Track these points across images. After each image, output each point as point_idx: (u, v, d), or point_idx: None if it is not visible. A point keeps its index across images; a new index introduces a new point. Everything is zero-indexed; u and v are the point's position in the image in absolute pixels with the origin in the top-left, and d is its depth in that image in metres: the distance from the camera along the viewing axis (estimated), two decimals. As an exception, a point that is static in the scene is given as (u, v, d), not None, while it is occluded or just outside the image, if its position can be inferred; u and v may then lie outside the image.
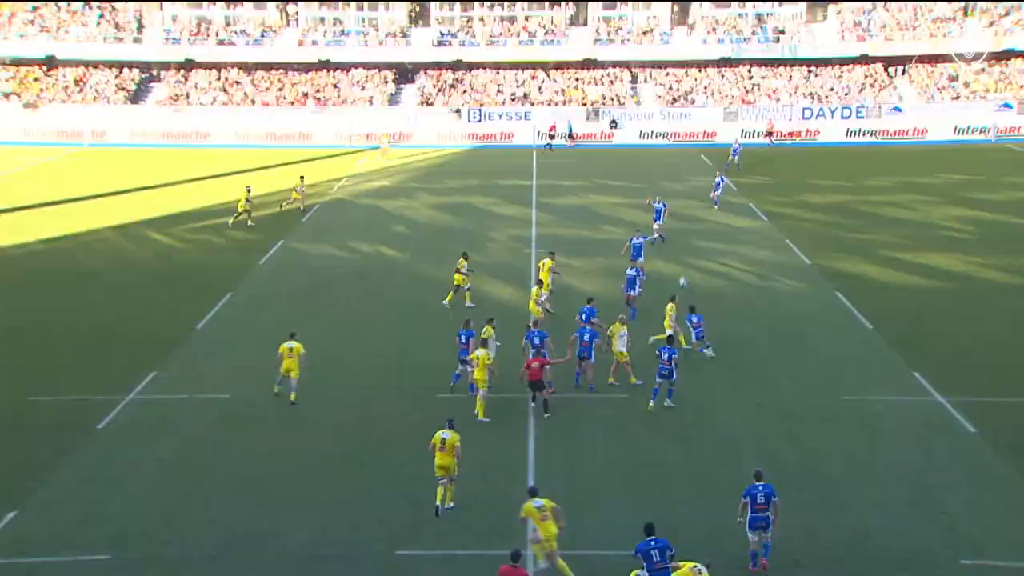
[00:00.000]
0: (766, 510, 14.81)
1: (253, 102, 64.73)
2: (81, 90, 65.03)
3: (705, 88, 65.15)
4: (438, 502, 16.31)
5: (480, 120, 62.55)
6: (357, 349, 24.47)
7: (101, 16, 67.82)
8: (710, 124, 61.15)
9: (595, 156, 56.04)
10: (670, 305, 23.41)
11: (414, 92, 66.40)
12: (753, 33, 67.50)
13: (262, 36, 67.42)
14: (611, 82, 66.37)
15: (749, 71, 66.44)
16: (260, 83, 66.47)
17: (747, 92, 64.51)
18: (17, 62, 66.62)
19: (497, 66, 67.96)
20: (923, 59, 66.58)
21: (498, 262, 32.44)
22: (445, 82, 66.68)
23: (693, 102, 63.84)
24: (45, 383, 21.89)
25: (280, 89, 65.94)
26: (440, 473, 16.44)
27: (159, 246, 35.12)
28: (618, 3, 69.01)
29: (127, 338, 25.06)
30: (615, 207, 40.54)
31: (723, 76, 66.31)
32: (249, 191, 38.45)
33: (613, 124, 61.66)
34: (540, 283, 25.67)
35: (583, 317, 22.62)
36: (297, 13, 69.31)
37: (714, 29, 67.93)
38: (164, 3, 68.57)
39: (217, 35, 67.33)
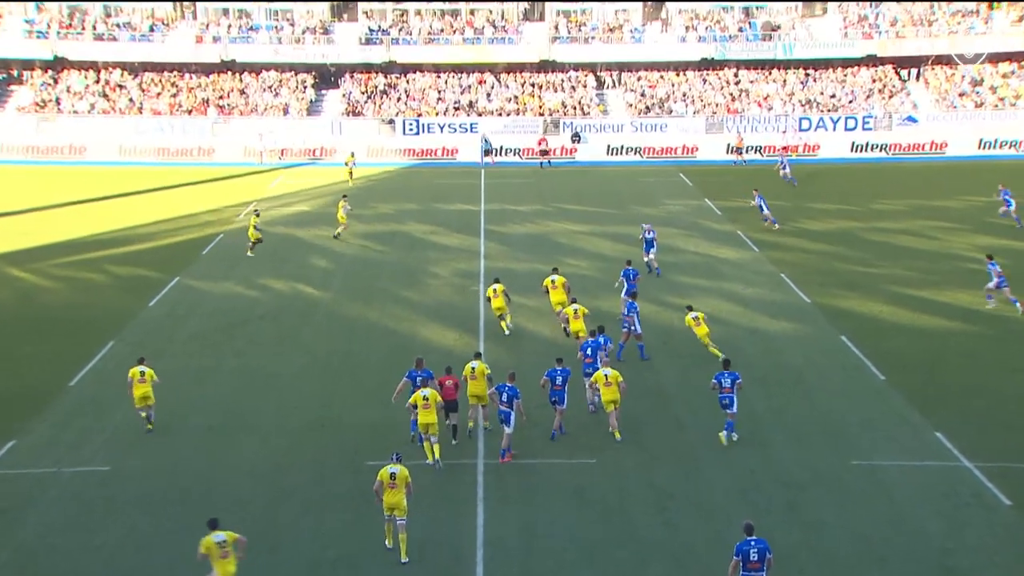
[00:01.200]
0: (760, 569, 15.41)
1: (141, 110, 64.39)
2: (-75, 94, 64.21)
3: (684, 95, 66.47)
4: (389, 544, 17.97)
5: (417, 133, 62.99)
6: (270, 407, 24.30)
7: (-49, 5, 67.20)
8: (690, 137, 62.32)
9: (554, 176, 56.66)
10: (692, 317, 26.74)
11: (338, 99, 66.69)
12: (740, 30, 69.23)
13: (151, 31, 67.29)
14: (573, 88, 67.40)
15: (736, 74, 67.99)
16: (149, 87, 66.20)
17: (734, 99, 65.95)
18: None
19: (437, 68, 68.67)
20: (940, 60, 68.75)
21: (440, 301, 32.52)
22: (375, 87, 67.11)
23: (670, 111, 65.05)
24: None
25: (174, 95, 65.73)
26: (388, 511, 17.92)
27: (21, 285, 34.58)
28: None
29: (-19, 398, 24.57)
30: (577, 236, 40.97)
31: (705, 80, 67.75)
32: (258, 215, 39.25)
33: (575, 138, 62.49)
34: (574, 300, 28.06)
35: (587, 352, 23.93)
36: (194, 5, 69.35)
37: (694, 26, 69.51)
38: (30, -5, 68.31)
39: (95, 28, 67.05)
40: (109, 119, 63.20)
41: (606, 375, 22.21)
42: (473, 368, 22.24)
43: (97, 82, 66.30)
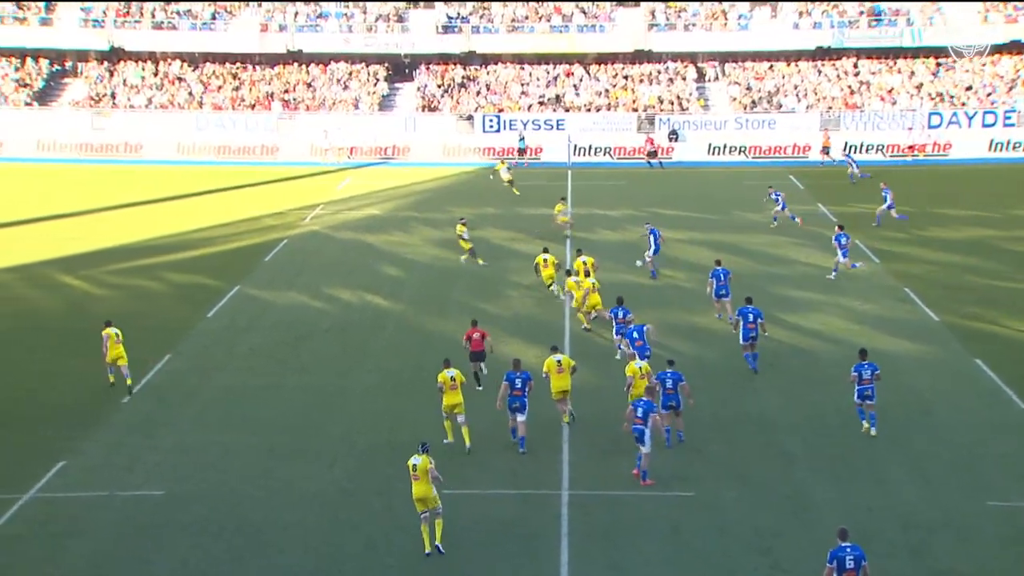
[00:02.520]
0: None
1: (200, 104, 65.90)
2: (-25, 88, 66.58)
3: (795, 88, 65.74)
4: (427, 543, 19.05)
5: (498, 130, 63.35)
6: (336, 427, 24.62)
7: (3, -7, 69.59)
8: (802, 135, 61.58)
9: (647, 178, 56.48)
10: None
11: (412, 93, 67.43)
12: (861, 15, 68.21)
13: (213, 19, 68.86)
14: (670, 80, 67.15)
15: (855, 65, 67.04)
16: (210, 80, 67.72)
17: (852, 92, 65.03)
18: None
19: (520, 59, 69.02)
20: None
21: (520, 314, 32.66)
22: (453, 80, 67.70)
23: (779, 106, 64.38)
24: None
25: (236, 88, 67.14)
26: (420, 507, 19.14)
27: (72, 293, 35.59)
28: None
29: (28, 417, 25.31)
30: (672, 244, 40.78)
31: (820, 72, 66.91)
32: (464, 223, 38.92)
33: (673, 136, 62.22)
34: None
35: (667, 383, 24.04)
36: (259, -11, 70.83)
37: (808, 11, 68.73)
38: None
39: (153, 16, 68.84)
40: (167, 114, 64.84)
41: (558, 360, 23.80)
42: (558, 361, 23.45)
43: (155, 74, 68.08)
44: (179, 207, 49.16)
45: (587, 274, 31.72)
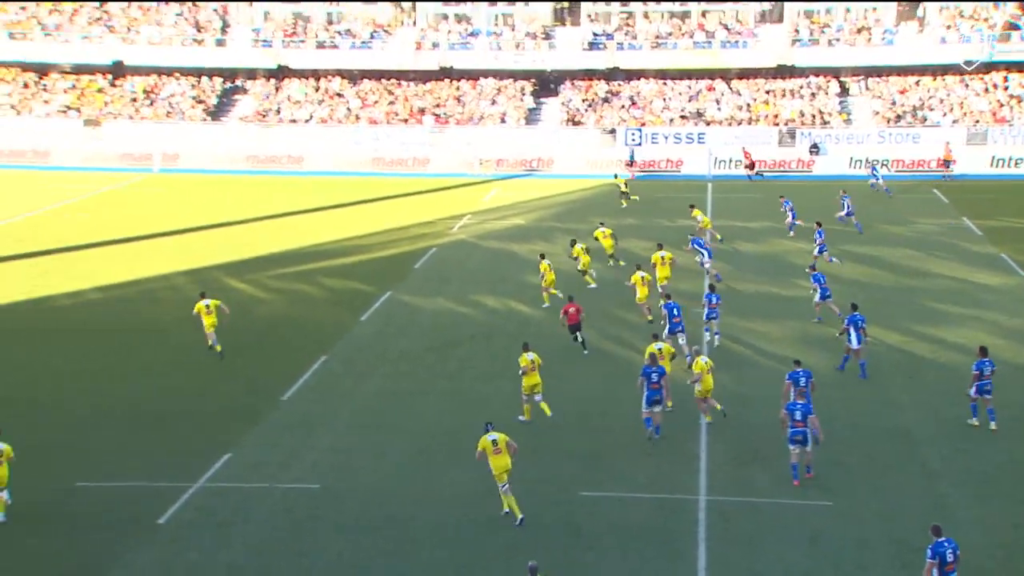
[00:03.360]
0: (954, 570, 16.95)
1: (357, 118, 67.43)
2: (152, 103, 69.43)
3: (941, 102, 63.56)
4: (517, 513, 20.29)
5: (640, 143, 63.03)
6: (480, 432, 24.81)
7: (179, 14, 72.43)
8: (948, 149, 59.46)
9: (788, 190, 55.35)
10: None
11: (557, 107, 67.66)
12: (1014, 27, 65.45)
13: (371, 38, 70.37)
14: (812, 94, 65.73)
15: (1005, 79, 64.44)
16: (367, 95, 69.24)
17: (1002, 106, 62.50)
18: (79, 69, 71.87)
19: (663, 75, 68.55)
20: None
21: (662, 323, 32.40)
22: (596, 95, 67.67)
23: (924, 120, 62.34)
24: (95, 465, 23.16)
25: (391, 103, 68.46)
26: (503, 479, 20.39)
27: (239, 297, 36.77)
28: (825, -8, 68.46)
29: (197, 411, 26.29)
30: (812, 257, 39.89)
31: (967, 86, 64.56)
32: (600, 226, 39.81)
33: (814, 149, 60.90)
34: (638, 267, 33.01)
35: (800, 382, 23.53)
36: (415, 9, 72.04)
37: (955, 25, 66.37)
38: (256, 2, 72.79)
39: (316, 36, 70.75)
40: (326, 128, 66.52)
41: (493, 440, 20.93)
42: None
43: (317, 90, 69.92)
44: (336, 216, 50.33)
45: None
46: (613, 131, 63.89)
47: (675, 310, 29.07)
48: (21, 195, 55.28)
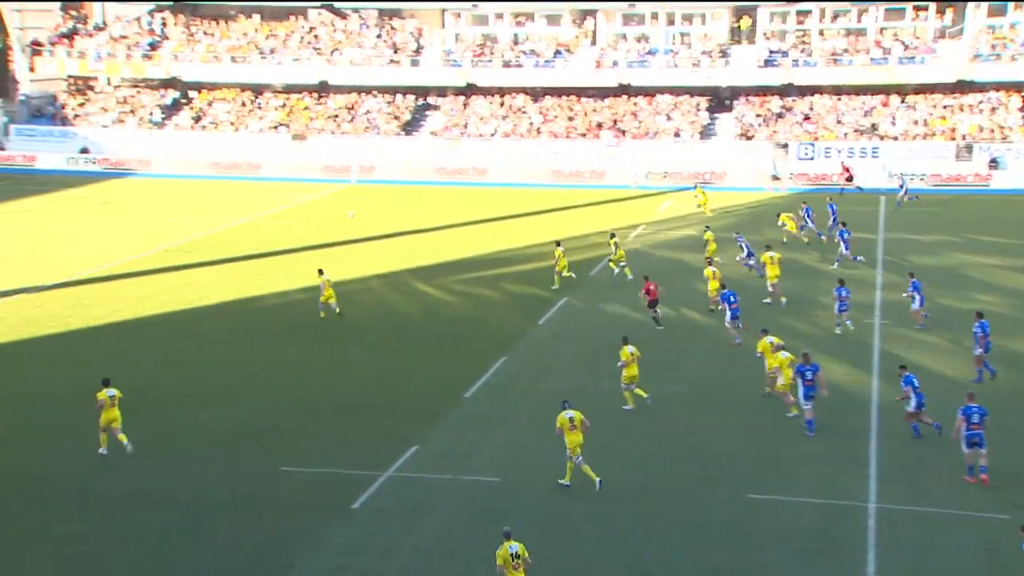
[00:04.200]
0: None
1: (539, 132, 68.11)
2: (352, 119, 71.91)
3: None
4: (566, 481, 21.66)
5: (812, 157, 61.50)
6: (647, 434, 24.84)
7: (379, 36, 74.77)
8: None
9: (965, 205, 53.04)
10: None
11: (731, 122, 66.69)
12: None
13: (554, 56, 70.98)
14: (992, 109, 62.71)
15: None
16: (548, 111, 69.87)
17: None
18: (289, 89, 75.12)
19: (838, 91, 66.67)
20: None
21: (830, 332, 31.69)
22: (770, 111, 66.37)
23: (1109, 134, 58.67)
24: (298, 452, 24.15)
25: (571, 118, 68.89)
26: (577, 452, 21.48)
27: (427, 300, 37.76)
28: (1011, 3, 65.01)
29: (388, 405, 27.13)
30: (990, 269, 38.22)
31: None
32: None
33: (993, 164, 58.13)
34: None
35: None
36: (595, 30, 72.26)
37: None
38: (447, 19, 74.38)
39: (503, 56, 71.84)
40: (509, 142, 67.48)
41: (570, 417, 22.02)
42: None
43: (501, 106, 71.00)
44: (517, 225, 51.00)
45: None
46: (785, 145, 62.55)
47: (732, 297, 30.90)
48: (236, 203, 58.13)
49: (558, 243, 39.06)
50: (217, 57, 74.72)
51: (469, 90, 72.32)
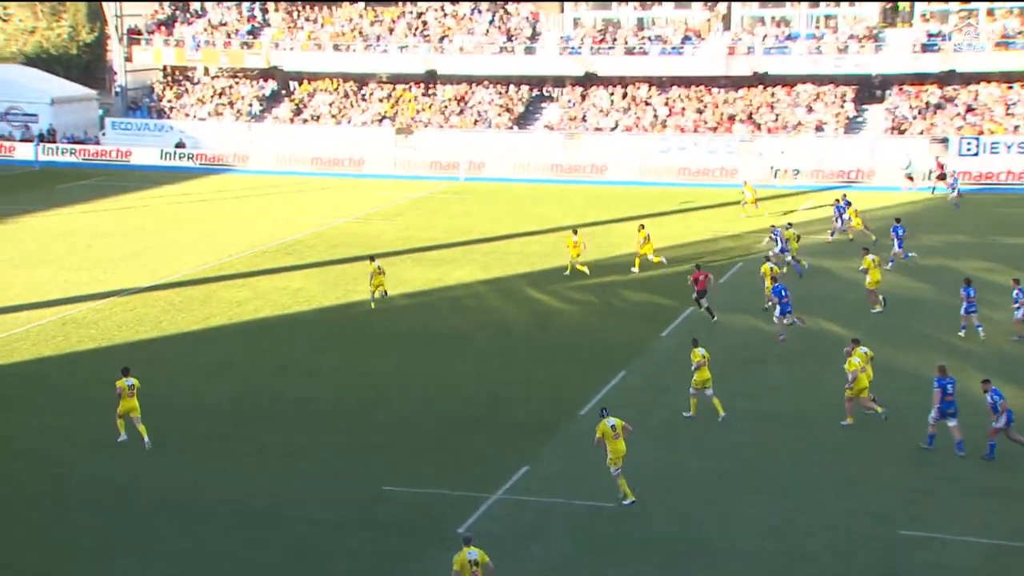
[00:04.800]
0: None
1: (664, 126, 67.68)
2: (461, 111, 72.57)
3: None
4: (629, 495, 21.92)
5: (977, 153, 59.73)
6: (784, 457, 24.43)
7: (491, 21, 75.30)
8: None
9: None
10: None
11: (881, 115, 65.20)
12: None
13: (682, 43, 70.45)
14: None
15: None
16: (675, 103, 69.37)
17: None
18: (394, 79, 76.22)
19: (1008, 78, 64.52)
20: None
21: (995, 351, 30.91)
22: (927, 102, 64.66)
23: None
24: (399, 470, 24.37)
25: (700, 111, 68.27)
26: (619, 463, 21.93)
27: (539, 307, 37.77)
28: None
29: (496, 421, 27.21)
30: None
31: None
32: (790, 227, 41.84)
33: None
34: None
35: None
36: (728, 13, 71.44)
37: None
38: (566, 3, 74.51)
39: (626, 43, 71.60)
40: (631, 137, 67.20)
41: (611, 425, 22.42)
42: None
43: (624, 98, 70.74)
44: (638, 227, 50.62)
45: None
46: (945, 140, 60.85)
47: (783, 291, 32.40)
48: (336, 202, 59.19)
49: (575, 230, 41.59)
50: (319, 45, 76.29)
51: (588, 80, 72.26)
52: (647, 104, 69.90)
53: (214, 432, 26.68)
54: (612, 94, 71.14)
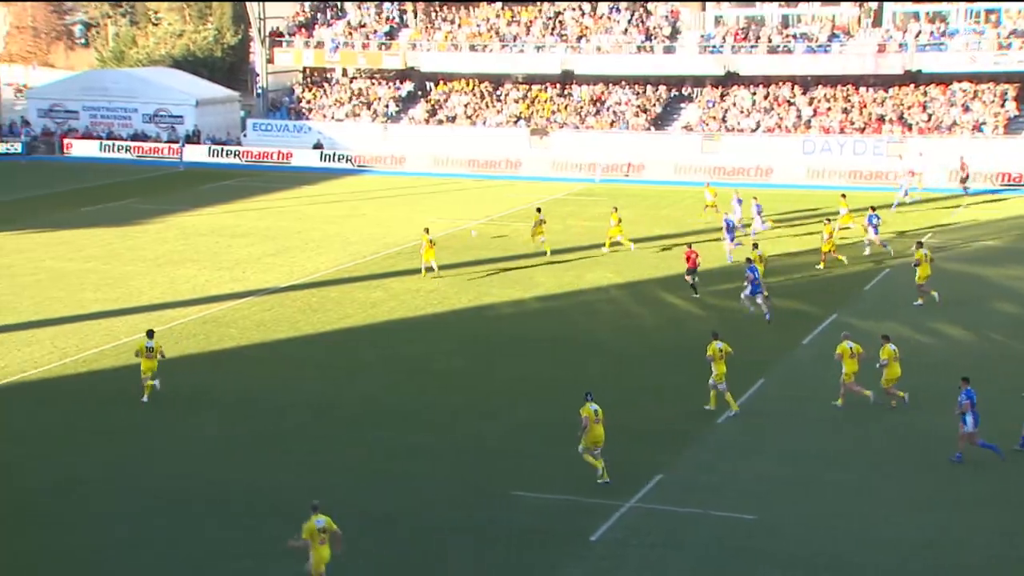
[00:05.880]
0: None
1: (807, 127, 66.51)
2: (596, 112, 72.54)
3: None
4: (605, 474, 23.12)
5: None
6: (933, 473, 23.74)
7: (630, 20, 75.06)
8: None
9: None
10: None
11: (1043, 115, 62.94)
12: None
13: (830, 40, 69.10)
14: None
15: None
16: (819, 103, 68.10)
17: None
18: (530, 79, 76.62)
19: None
20: None
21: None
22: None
23: None
24: (530, 475, 24.48)
25: (846, 111, 66.87)
26: (596, 446, 23.18)
27: (673, 312, 37.51)
28: None
29: (628, 427, 27.00)
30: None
31: None
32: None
33: None
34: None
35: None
36: (879, 9, 69.75)
37: None
38: (708, 1, 73.84)
39: (769, 41, 70.57)
40: (773, 138, 66.29)
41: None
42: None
43: (766, 98, 69.74)
44: (778, 231, 49.87)
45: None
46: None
47: (754, 272, 34.36)
48: (470, 203, 59.76)
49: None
50: (456, 46, 77.20)
51: (729, 80, 71.46)
52: (790, 104, 68.78)
53: (344, 432, 27.23)
54: (754, 94, 70.20)
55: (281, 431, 27.21)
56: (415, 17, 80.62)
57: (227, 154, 75.83)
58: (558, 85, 75.34)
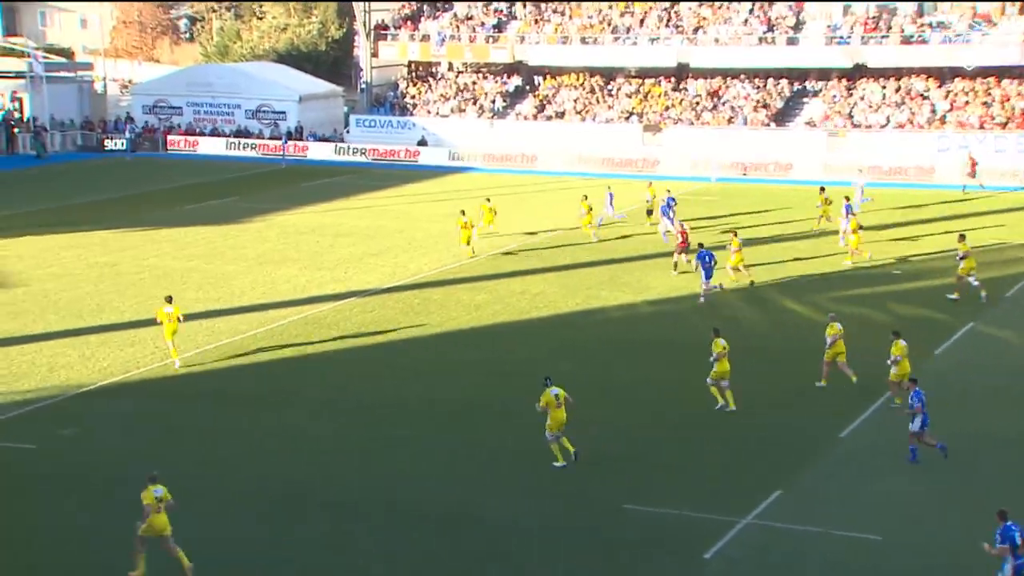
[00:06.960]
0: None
1: (943, 122, 65.04)
2: (713, 107, 71.85)
3: None
4: (561, 457, 24.54)
5: None
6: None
7: (751, 11, 74.19)
8: None
9: None
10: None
11: None
12: None
13: (970, 30, 67.42)
14: None
15: None
16: (956, 96, 66.51)
17: None
18: (643, 73, 76.26)
19: None
20: None
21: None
22: None
23: None
24: (642, 487, 24.33)
25: (987, 104, 65.28)
26: (559, 429, 24.41)
27: (794, 319, 36.89)
28: None
29: (748, 439, 26.79)
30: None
31: None
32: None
33: None
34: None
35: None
36: (1021, -2, 67.97)
37: None
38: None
39: (902, 31, 69.11)
40: (904, 134, 64.92)
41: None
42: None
43: (896, 92, 68.33)
44: (910, 231, 48.84)
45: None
46: None
47: (707, 258, 36.92)
48: (580, 203, 59.52)
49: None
50: (566, 38, 77.20)
51: (857, 72, 70.20)
52: (924, 98, 67.27)
53: (443, 437, 27.39)
54: (884, 87, 68.86)
55: (393, 438, 27.39)
56: (524, 9, 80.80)
57: (333, 151, 76.89)
58: (672, 79, 74.85)
